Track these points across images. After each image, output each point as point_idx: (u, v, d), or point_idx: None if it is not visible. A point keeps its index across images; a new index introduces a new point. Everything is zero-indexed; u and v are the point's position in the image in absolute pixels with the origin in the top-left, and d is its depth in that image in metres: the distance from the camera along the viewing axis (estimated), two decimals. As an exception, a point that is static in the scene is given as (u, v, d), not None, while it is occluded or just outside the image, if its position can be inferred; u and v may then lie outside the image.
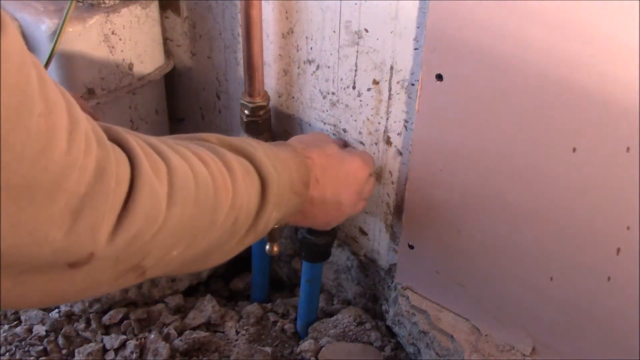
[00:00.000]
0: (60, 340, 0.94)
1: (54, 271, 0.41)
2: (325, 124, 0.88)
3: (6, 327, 0.96)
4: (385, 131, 0.82)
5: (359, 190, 0.75)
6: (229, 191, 0.53)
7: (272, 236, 0.80)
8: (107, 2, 0.89)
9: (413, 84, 0.76)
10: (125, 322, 0.97)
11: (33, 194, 0.36)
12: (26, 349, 0.93)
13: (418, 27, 0.72)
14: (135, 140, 0.46)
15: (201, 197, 0.50)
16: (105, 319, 0.97)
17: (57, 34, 0.80)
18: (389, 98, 0.79)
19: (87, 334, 0.96)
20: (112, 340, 0.94)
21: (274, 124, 0.94)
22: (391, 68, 0.77)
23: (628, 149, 0.60)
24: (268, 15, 0.86)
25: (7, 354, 0.93)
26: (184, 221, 0.49)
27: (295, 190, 0.65)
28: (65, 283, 0.43)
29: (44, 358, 0.92)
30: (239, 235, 0.57)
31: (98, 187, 0.40)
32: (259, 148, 0.61)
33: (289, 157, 0.66)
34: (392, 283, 0.91)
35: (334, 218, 0.74)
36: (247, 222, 0.58)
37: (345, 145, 0.85)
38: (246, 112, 0.89)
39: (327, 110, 0.87)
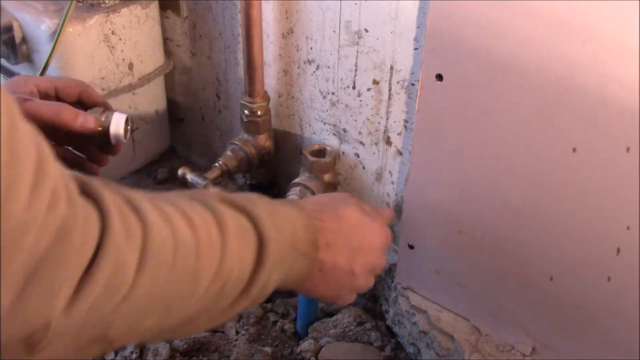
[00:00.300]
0: (60, 340, 0.94)
1: (10, 353, 0.38)
2: (325, 124, 0.88)
3: (6, 327, 0.96)
4: (385, 131, 0.82)
5: (374, 262, 0.66)
6: (215, 257, 0.49)
7: None
8: (107, 2, 0.89)
9: (413, 84, 0.76)
10: (125, 322, 0.97)
11: None
12: (26, 349, 0.93)
13: (418, 27, 0.72)
14: (112, 198, 0.42)
15: (179, 264, 0.46)
16: (105, 319, 0.97)
17: (57, 34, 0.80)
18: (389, 98, 0.79)
19: (87, 334, 0.96)
20: (112, 340, 0.94)
21: (274, 124, 0.94)
22: (391, 68, 0.77)
23: (628, 149, 0.60)
24: (268, 15, 0.86)
25: (7, 354, 0.93)
26: (155, 290, 0.44)
27: (302, 250, 0.59)
28: None
29: (44, 358, 0.92)
30: (228, 301, 0.52)
31: (59, 248, 0.37)
32: (260, 204, 0.56)
33: (295, 215, 0.59)
34: (392, 283, 0.91)
35: (346, 289, 0.65)
36: (238, 287, 0.53)
37: (371, 210, 0.73)
38: (246, 112, 0.89)
39: (327, 110, 0.87)
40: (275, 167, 0.99)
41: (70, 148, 0.75)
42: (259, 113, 0.89)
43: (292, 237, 0.57)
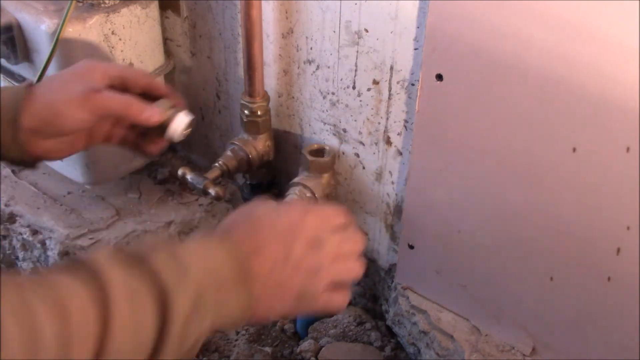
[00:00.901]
0: (60, 340, 0.94)
1: None
2: (325, 124, 0.88)
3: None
4: (385, 131, 0.82)
5: (312, 240, 0.56)
6: (91, 343, 0.44)
7: None
8: (107, 2, 0.89)
9: (413, 84, 0.76)
10: (125, 322, 0.97)
11: None
12: (26, 349, 0.93)
13: (418, 27, 0.72)
14: None
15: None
16: (105, 319, 0.97)
17: (57, 34, 0.80)
18: (389, 98, 0.79)
19: (87, 334, 0.96)
20: (112, 340, 0.94)
21: (274, 124, 0.94)
22: (391, 68, 0.77)
23: (628, 149, 0.60)
24: (268, 15, 0.86)
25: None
26: None
27: (230, 279, 0.51)
28: None
29: (44, 358, 0.92)
30: None
31: None
32: (159, 251, 0.50)
33: (201, 251, 0.52)
34: (392, 283, 0.91)
35: (309, 282, 0.56)
36: (140, 354, 0.46)
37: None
38: (246, 112, 0.89)
39: (327, 110, 0.87)
40: (275, 167, 0.99)
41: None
42: (258, 113, 0.89)
43: (206, 271, 0.51)
